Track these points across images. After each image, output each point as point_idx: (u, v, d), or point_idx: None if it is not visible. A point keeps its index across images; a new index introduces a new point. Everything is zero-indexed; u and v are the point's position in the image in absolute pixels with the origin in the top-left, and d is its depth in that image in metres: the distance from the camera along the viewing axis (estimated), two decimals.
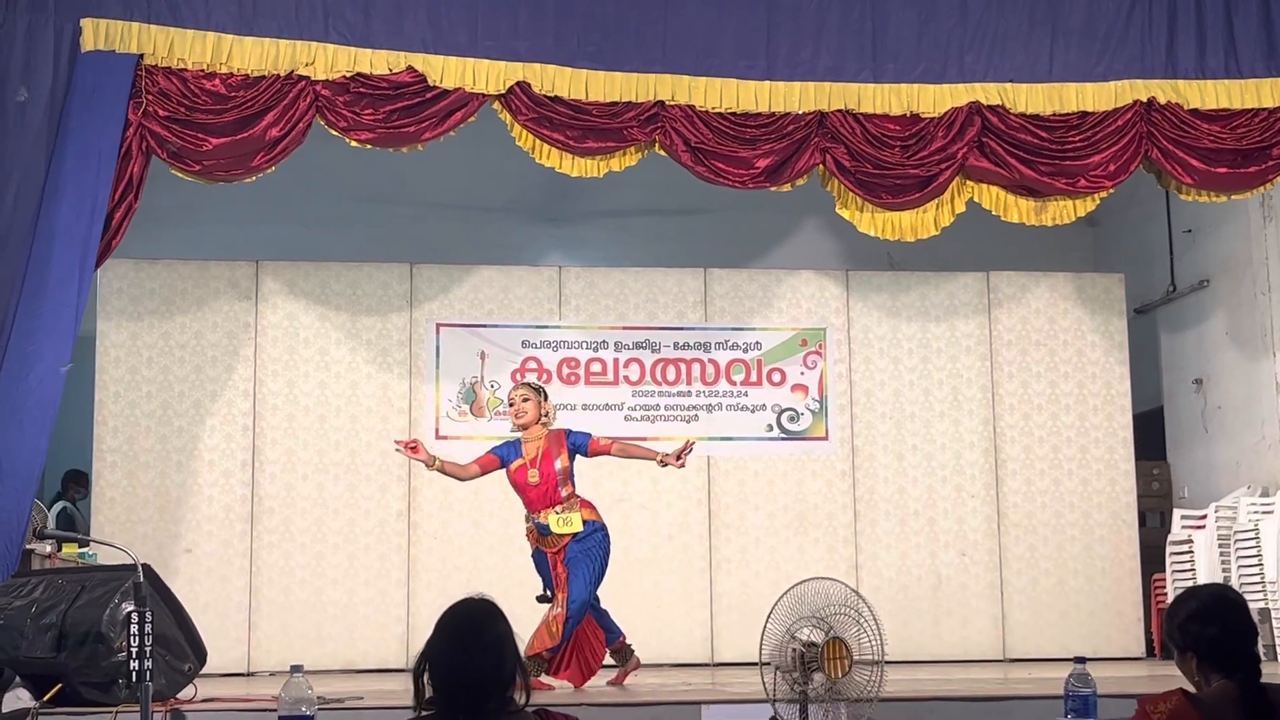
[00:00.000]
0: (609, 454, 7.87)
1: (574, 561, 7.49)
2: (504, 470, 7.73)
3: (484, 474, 7.78)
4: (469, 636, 3.40)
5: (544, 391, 7.90)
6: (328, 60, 8.65)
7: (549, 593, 7.58)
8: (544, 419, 7.71)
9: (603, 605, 7.80)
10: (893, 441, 10.92)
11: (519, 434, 7.77)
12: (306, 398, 10.41)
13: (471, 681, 3.35)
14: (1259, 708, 3.58)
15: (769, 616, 5.31)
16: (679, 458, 7.70)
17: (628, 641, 7.97)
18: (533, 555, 7.79)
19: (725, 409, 10.85)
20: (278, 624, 10.10)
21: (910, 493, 10.87)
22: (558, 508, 7.56)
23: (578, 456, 7.69)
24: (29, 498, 7.87)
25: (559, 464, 7.59)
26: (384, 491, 10.39)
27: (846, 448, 10.87)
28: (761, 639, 5.27)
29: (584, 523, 7.57)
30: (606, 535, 7.66)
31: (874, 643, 5.21)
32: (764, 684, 5.26)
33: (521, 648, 3.48)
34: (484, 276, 10.78)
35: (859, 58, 9.23)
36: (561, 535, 7.55)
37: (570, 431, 7.81)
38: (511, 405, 7.78)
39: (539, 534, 7.61)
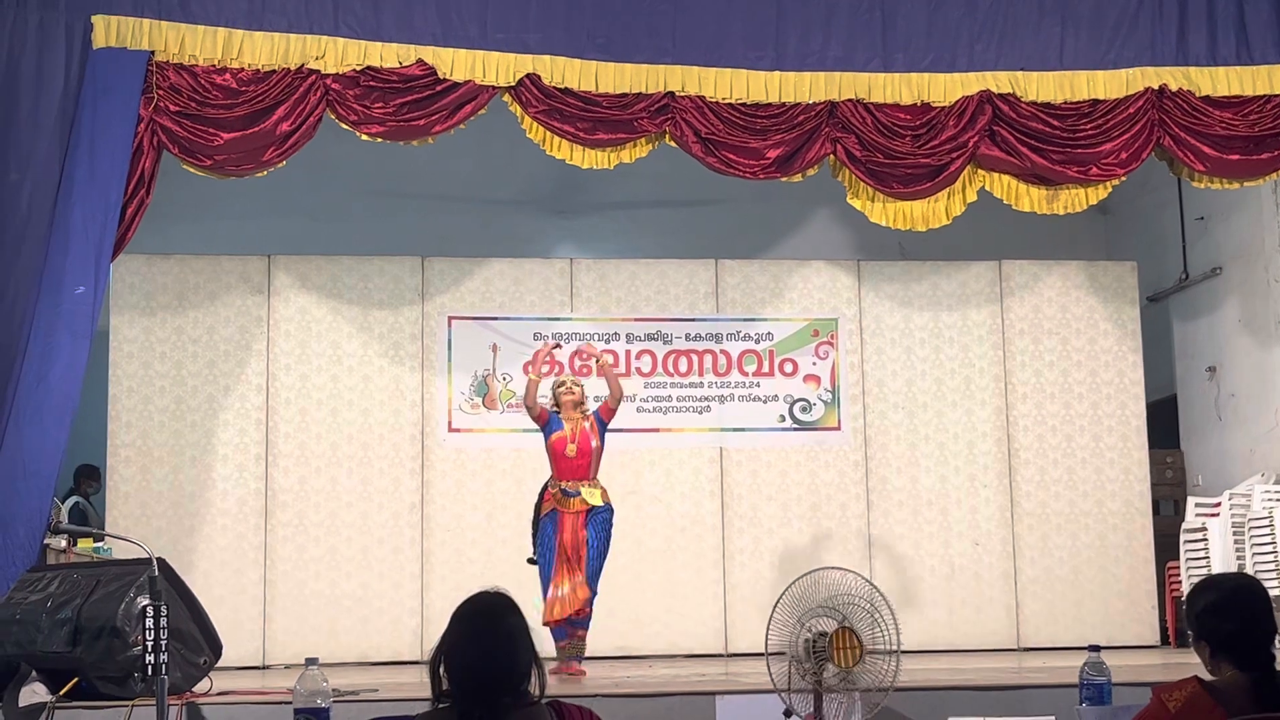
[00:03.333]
0: (612, 408, 8.51)
1: (594, 528, 8.25)
2: (544, 434, 8.41)
3: (537, 415, 8.40)
4: (484, 630, 3.42)
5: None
6: (338, 54, 8.67)
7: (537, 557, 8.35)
8: (584, 404, 8.48)
9: (611, 596, 8.43)
10: (905, 431, 10.91)
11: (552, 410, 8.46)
12: (319, 391, 10.42)
13: (487, 674, 3.36)
14: (1273, 698, 3.57)
15: (775, 607, 5.33)
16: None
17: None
18: (541, 519, 8.36)
19: (737, 400, 10.85)
20: (292, 617, 10.12)
21: (923, 483, 10.86)
22: (587, 482, 8.32)
23: (605, 435, 8.46)
24: (50, 495, 7.92)
25: (594, 444, 8.36)
26: (397, 484, 10.40)
27: (859, 438, 10.86)
28: (768, 629, 5.28)
29: (602, 500, 8.33)
30: (613, 513, 8.44)
31: (886, 633, 5.22)
32: (771, 675, 5.28)
33: (537, 641, 3.49)
34: (495, 269, 10.78)
35: (869, 47, 9.23)
36: (585, 503, 8.26)
37: (596, 416, 8.51)
38: (563, 385, 8.50)
39: (563, 496, 8.28)
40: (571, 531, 8.20)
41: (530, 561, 8.34)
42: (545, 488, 8.42)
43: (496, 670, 3.37)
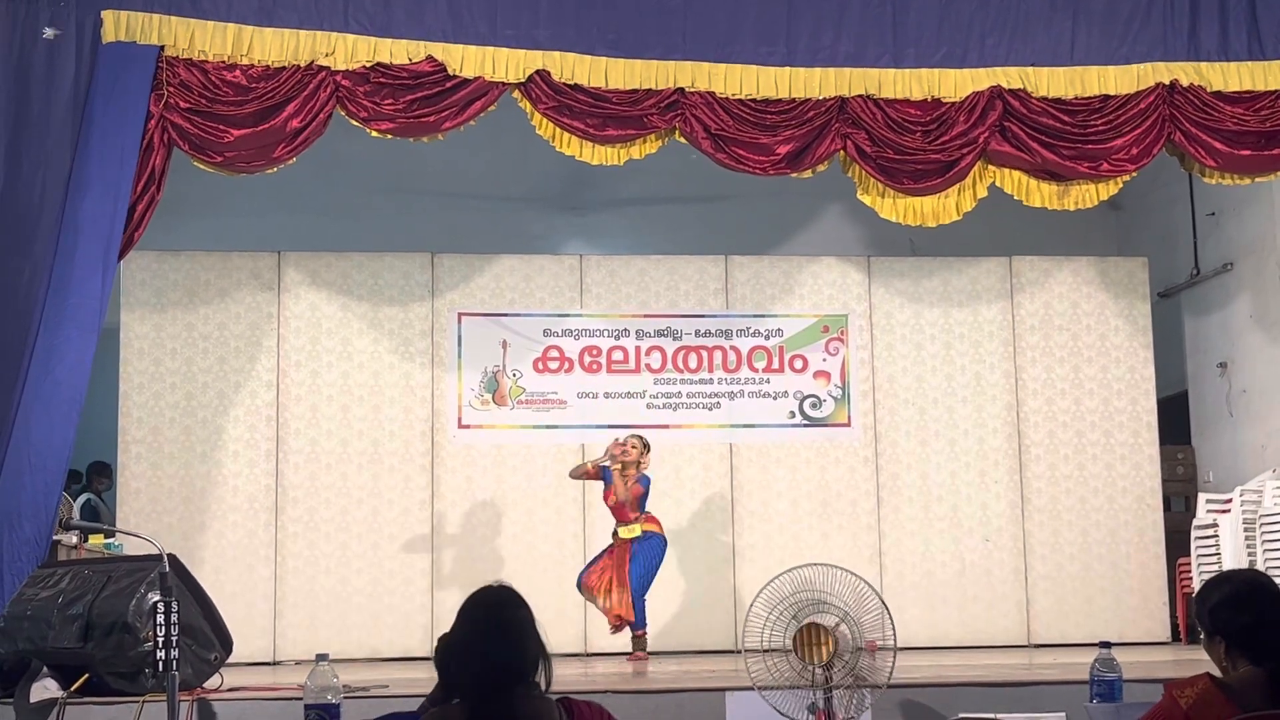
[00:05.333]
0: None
1: (634, 558, 9.30)
2: (604, 484, 9.47)
3: (582, 475, 9.71)
4: (492, 624, 3.44)
5: (649, 448, 9.52)
6: (348, 50, 8.66)
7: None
8: (640, 465, 9.40)
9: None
10: (916, 428, 10.90)
11: (611, 464, 9.37)
12: (329, 388, 10.43)
13: (497, 667, 3.38)
14: None
15: (753, 603, 5.34)
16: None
17: (645, 634, 9.39)
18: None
19: (747, 396, 10.85)
20: (303, 613, 10.14)
21: (934, 479, 10.85)
22: (626, 525, 9.35)
23: (648, 484, 9.49)
24: (58, 490, 7.92)
25: (628, 498, 9.34)
26: (407, 481, 10.41)
27: (869, 434, 10.86)
28: (746, 624, 5.30)
29: (643, 532, 9.32)
30: (664, 542, 9.45)
31: (854, 628, 5.22)
32: (749, 671, 5.28)
33: (544, 633, 3.51)
34: (505, 266, 10.79)
35: (879, 43, 9.21)
36: (624, 539, 9.34)
37: (643, 480, 9.44)
38: (623, 449, 9.37)
39: (615, 534, 9.43)
40: (619, 556, 9.32)
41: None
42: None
43: (505, 662, 3.39)
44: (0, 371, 7.88)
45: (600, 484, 9.55)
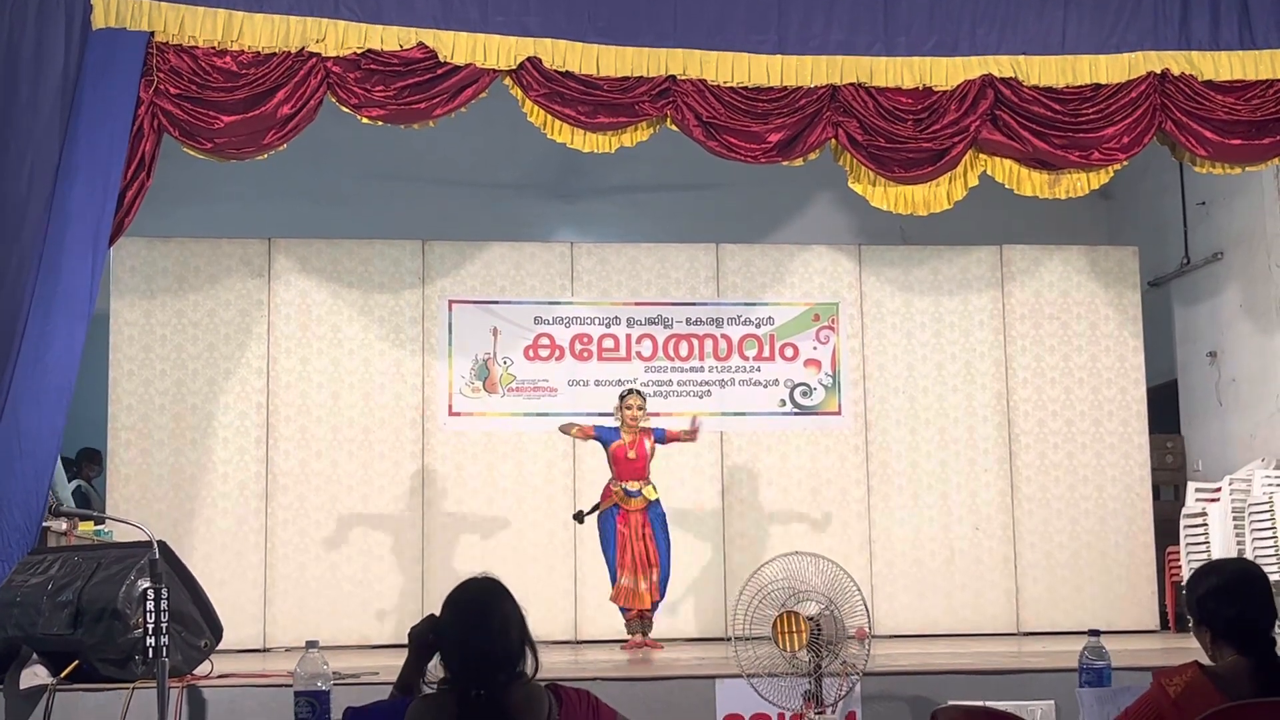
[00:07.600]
0: (678, 440, 9.40)
1: (658, 528, 9.10)
2: (604, 444, 9.21)
3: (584, 439, 9.54)
4: (477, 616, 3.50)
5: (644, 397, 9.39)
6: (338, 37, 8.64)
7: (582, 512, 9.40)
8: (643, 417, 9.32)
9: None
10: (906, 416, 10.91)
11: (615, 423, 9.28)
12: (319, 375, 10.42)
13: (482, 658, 3.44)
14: (1273, 683, 3.58)
15: (742, 589, 5.36)
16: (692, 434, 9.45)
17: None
18: (603, 513, 9.13)
19: (738, 384, 10.85)
20: (293, 600, 10.13)
21: (923, 467, 10.86)
22: (643, 482, 9.11)
23: (657, 446, 9.28)
24: (48, 477, 7.91)
25: (649, 446, 9.19)
26: (397, 468, 10.41)
27: (859, 422, 10.86)
28: (735, 615, 5.31)
29: (656, 494, 9.16)
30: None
31: (837, 616, 5.24)
32: (740, 661, 5.30)
33: (530, 622, 3.57)
34: (496, 253, 10.77)
35: (871, 31, 9.21)
36: (645, 499, 9.07)
37: (653, 429, 9.30)
38: (630, 408, 9.18)
39: (625, 495, 9.08)
40: (638, 531, 9.02)
41: (576, 517, 9.41)
42: (607, 486, 9.18)
43: (491, 653, 3.45)
44: None
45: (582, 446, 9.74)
